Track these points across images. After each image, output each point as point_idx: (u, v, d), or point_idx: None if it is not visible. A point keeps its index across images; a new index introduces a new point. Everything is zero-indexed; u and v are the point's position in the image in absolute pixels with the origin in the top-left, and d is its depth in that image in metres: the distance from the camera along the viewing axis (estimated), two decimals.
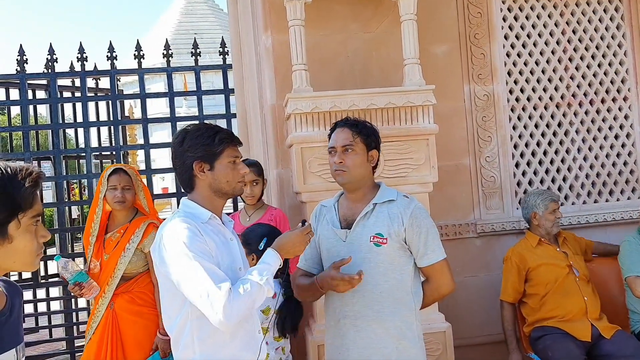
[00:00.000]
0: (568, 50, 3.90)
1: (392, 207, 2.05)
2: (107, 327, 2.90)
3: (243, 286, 1.66)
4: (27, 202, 1.18)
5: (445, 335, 2.87)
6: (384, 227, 2.02)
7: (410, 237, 2.03)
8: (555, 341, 3.03)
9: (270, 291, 1.74)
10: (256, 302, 1.71)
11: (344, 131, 2.10)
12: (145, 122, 5.12)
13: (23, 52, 5.00)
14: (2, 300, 1.25)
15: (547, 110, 3.88)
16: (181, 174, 1.86)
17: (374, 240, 2.02)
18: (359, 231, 2.05)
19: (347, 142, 2.07)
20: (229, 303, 1.60)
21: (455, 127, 3.70)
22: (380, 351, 2.01)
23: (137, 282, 2.94)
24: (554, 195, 3.32)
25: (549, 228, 3.23)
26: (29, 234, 1.19)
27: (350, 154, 2.07)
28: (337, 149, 2.09)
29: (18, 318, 1.28)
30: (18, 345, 1.25)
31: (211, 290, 1.61)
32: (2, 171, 1.16)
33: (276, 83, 3.43)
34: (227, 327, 1.65)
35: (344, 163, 2.07)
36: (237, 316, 1.63)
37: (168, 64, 5.17)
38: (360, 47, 3.51)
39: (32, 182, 1.19)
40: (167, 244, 1.71)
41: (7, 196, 1.15)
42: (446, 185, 3.53)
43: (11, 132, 5.49)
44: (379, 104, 2.90)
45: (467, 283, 3.59)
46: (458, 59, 3.74)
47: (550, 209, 3.23)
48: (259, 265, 1.78)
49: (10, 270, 1.20)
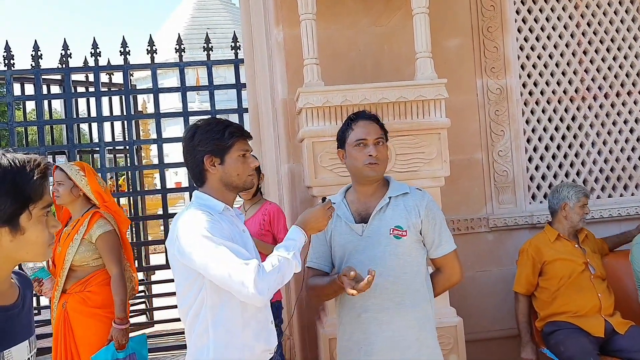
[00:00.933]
0: (582, 43, 3.86)
1: (407, 200, 2.08)
2: (59, 328, 2.93)
3: (271, 262, 1.70)
4: (37, 193, 1.19)
5: (456, 329, 2.86)
6: (402, 219, 2.04)
7: (425, 229, 2.06)
8: (568, 336, 3.01)
9: (298, 266, 1.78)
10: (285, 277, 1.73)
11: (373, 125, 2.12)
12: (158, 117, 5.16)
13: (38, 48, 5.06)
14: (15, 292, 1.27)
15: (561, 104, 3.84)
16: (192, 168, 1.88)
17: (394, 232, 2.03)
18: (376, 224, 2.07)
19: (378, 135, 2.10)
20: (259, 277, 1.62)
21: (468, 121, 3.68)
22: (402, 343, 2.02)
23: (89, 282, 2.96)
24: (587, 190, 3.32)
25: (576, 222, 3.22)
26: (40, 225, 1.20)
27: (381, 148, 2.10)
28: (369, 141, 2.08)
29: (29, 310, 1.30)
30: (30, 337, 1.27)
31: (240, 268, 1.63)
32: (11, 163, 1.17)
33: (287, 77, 3.44)
34: (260, 302, 1.67)
35: (379, 156, 2.08)
36: (268, 290, 1.65)
37: (180, 58, 5.20)
38: (371, 41, 3.50)
39: (40, 173, 1.19)
40: (185, 232, 1.73)
41: (18, 188, 1.16)
42: (458, 180, 3.51)
43: (26, 127, 5.55)
44: (391, 98, 2.89)
45: (478, 278, 3.58)
46: (471, 53, 3.71)
47: (582, 203, 3.22)
48: (285, 242, 1.82)
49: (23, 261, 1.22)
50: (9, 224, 1.16)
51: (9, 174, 1.15)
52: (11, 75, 5.00)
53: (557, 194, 3.29)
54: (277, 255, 1.74)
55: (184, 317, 1.83)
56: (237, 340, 1.78)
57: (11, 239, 1.17)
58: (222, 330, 1.77)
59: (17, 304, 1.25)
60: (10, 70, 5.01)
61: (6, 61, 4.99)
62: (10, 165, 1.16)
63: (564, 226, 3.25)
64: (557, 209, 3.27)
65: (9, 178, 1.15)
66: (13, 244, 1.18)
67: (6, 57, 4.98)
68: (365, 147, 2.09)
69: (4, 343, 1.18)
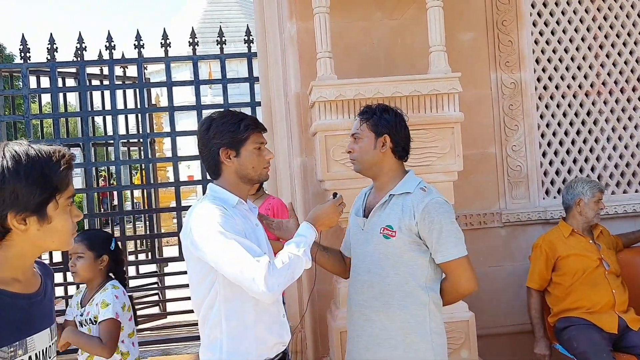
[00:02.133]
0: (599, 37, 3.81)
1: (406, 200, 2.00)
2: None
3: (281, 259, 1.71)
4: (63, 183, 1.22)
5: (468, 324, 2.86)
6: (395, 219, 1.99)
7: (423, 233, 1.96)
8: (581, 332, 3.00)
9: (309, 262, 1.78)
10: (295, 273, 1.74)
11: (356, 120, 2.13)
12: (171, 110, 5.19)
13: (53, 41, 5.10)
14: (38, 281, 1.29)
15: (576, 99, 3.80)
16: (207, 160, 1.89)
17: (383, 232, 2.00)
18: (374, 221, 2.06)
19: (354, 131, 2.11)
20: (269, 274, 1.63)
21: (482, 115, 3.66)
22: (387, 342, 1.99)
23: None
24: (602, 186, 3.28)
25: (591, 217, 3.19)
26: (65, 214, 1.24)
27: (358, 142, 2.09)
28: (351, 137, 2.13)
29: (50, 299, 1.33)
30: (51, 325, 1.30)
31: (251, 265, 1.64)
32: (38, 154, 1.20)
33: (301, 71, 3.44)
34: (270, 298, 1.69)
35: (353, 152, 2.10)
36: (278, 286, 1.66)
37: (194, 52, 5.22)
38: (385, 35, 3.48)
39: (66, 163, 1.23)
40: (198, 226, 1.74)
41: (46, 178, 1.19)
42: (471, 174, 3.50)
43: (42, 120, 5.61)
44: (404, 91, 2.89)
45: (491, 273, 3.57)
46: (485, 46, 3.69)
47: (596, 198, 3.19)
48: (295, 238, 1.83)
49: (48, 250, 1.26)
50: (37, 213, 1.19)
51: (37, 164, 1.18)
52: (27, 68, 5.05)
53: (571, 189, 3.26)
54: (287, 252, 1.75)
55: (198, 309, 1.85)
56: (250, 333, 1.79)
57: (38, 227, 1.20)
58: (235, 323, 1.78)
59: (39, 292, 1.28)
60: (27, 63, 5.06)
61: (22, 54, 5.05)
62: (38, 156, 1.19)
63: (578, 222, 3.22)
64: (571, 205, 3.24)
65: (37, 168, 1.18)
66: (40, 232, 1.20)
67: (22, 50, 5.04)
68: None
69: (27, 330, 1.21)
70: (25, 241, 1.20)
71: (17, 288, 1.21)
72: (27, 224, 1.18)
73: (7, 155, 1.16)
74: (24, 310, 1.21)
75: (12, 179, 1.15)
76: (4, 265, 1.20)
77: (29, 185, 1.16)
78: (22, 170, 1.16)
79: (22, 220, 1.17)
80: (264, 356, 1.82)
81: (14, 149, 1.18)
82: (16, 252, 1.21)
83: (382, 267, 2.00)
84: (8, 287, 1.19)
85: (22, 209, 1.17)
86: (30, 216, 1.18)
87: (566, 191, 3.30)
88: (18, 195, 1.15)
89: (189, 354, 4.95)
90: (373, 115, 2.09)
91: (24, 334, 1.20)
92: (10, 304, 1.18)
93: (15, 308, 1.19)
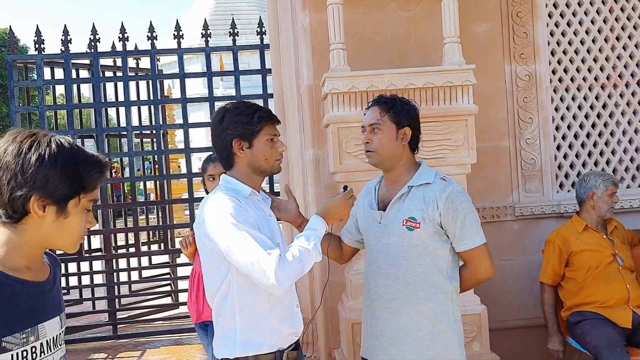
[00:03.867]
0: (615, 28, 3.76)
1: (427, 191, 2.00)
2: None
3: (292, 252, 1.72)
4: (91, 185, 1.26)
5: (480, 317, 2.85)
6: (418, 211, 1.98)
7: (445, 222, 1.97)
8: (594, 326, 2.98)
9: (319, 256, 1.79)
10: (305, 267, 1.75)
11: (373, 110, 2.07)
12: (184, 102, 5.21)
13: (67, 32, 5.13)
14: (47, 270, 1.32)
15: (592, 91, 3.76)
16: (221, 151, 1.89)
17: (406, 224, 1.98)
18: (393, 213, 2.03)
19: (374, 121, 2.04)
20: (280, 268, 1.65)
21: (496, 107, 3.63)
22: (413, 333, 2.00)
23: None
24: (615, 179, 3.23)
25: (604, 211, 3.14)
26: (82, 215, 1.27)
27: (377, 133, 2.03)
28: (365, 128, 2.08)
29: (59, 288, 1.36)
30: (60, 313, 1.33)
31: (262, 257, 1.65)
32: (79, 152, 1.25)
33: (313, 63, 3.43)
34: (280, 292, 1.70)
35: (371, 143, 2.05)
36: (288, 280, 1.67)
37: (206, 43, 5.22)
38: (398, 26, 3.46)
39: (100, 169, 1.27)
40: (212, 217, 1.75)
41: (77, 174, 1.23)
42: (485, 167, 3.47)
43: (56, 111, 5.65)
44: (417, 83, 2.87)
45: (503, 266, 3.55)
46: (499, 38, 3.65)
47: (610, 192, 3.14)
48: (305, 232, 1.83)
49: (53, 247, 1.28)
50: (58, 204, 1.22)
51: (75, 159, 1.23)
52: (41, 60, 5.09)
53: (584, 182, 3.22)
54: (297, 245, 1.75)
55: (211, 299, 1.86)
56: (264, 324, 1.80)
57: (54, 219, 1.23)
58: (249, 313, 1.79)
59: (49, 281, 1.31)
60: (41, 54, 5.09)
61: (37, 46, 5.08)
62: (78, 153, 1.25)
63: (591, 216, 3.19)
64: (584, 199, 3.20)
65: (74, 163, 1.23)
66: (54, 225, 1.23)
67: (37, 42, 5.07)
68: (364, 134, 2.09)
69: (39, 317, 1.24)
70: (37, 230, 1.23)
71: (29, 276, 1.24)
72: (45, 212, 1.21)
73: (52, 144, 1.21)
74: (35, 298, 1.24)
75: (50, 164, 1.19)
76: (17, 251, 1.22)
77: (61, 175, 1.20)
78: (61, 160, 1.21)
79: (42, 206, 1.20)
80: (277, 346, 1.83)
81: (60, 140, 1.24)
82: (27, 240, 1.23)
83: (406, 259, 2.00)
84: (20, 275, 1.21)
85: (47, 195, 1.20)
86: (51, 205, 1.21)
87: (579, 185, 3.26)
88: (48, 181, 1.19)
89: (200, 344, 4.99)
90: (394, 106, 2.05)
91: (36, 321, 1.22)
92: (22, 291, 1.20)
93: (27, 295, 1.22)
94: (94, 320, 5.58)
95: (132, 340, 5.18)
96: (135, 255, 5.62)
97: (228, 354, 1.81)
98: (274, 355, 1.82)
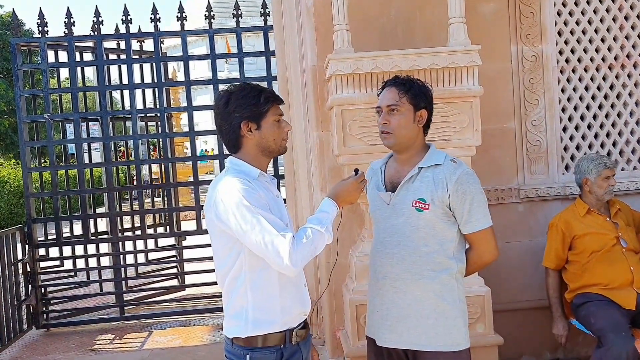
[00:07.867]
0: (624, 8, 3.70)
1: (437, 172, 2.01)
2: None
3: (305, 234, 1.76)
4: None
5: (484, 299, 2.87)
6: (427, 192, 1.99)
7: (454, 203, 1.99)
8: (599, 308, 2.98)
9: (330, 238, 1.83)
10: (318, 249, 1.79)
11: (391, 90, 2.05)
12: (188, 85, 5.20)
13: (70, 15, 5.11)
14: None
15: (599, 72, 3.71)
16: (227, 134, 1.89)
17: (416, 205, 2.00)
18: (402, 195, 2.04)
19: (392, 102, 2.03)
20: (293, 250, 1.70)
21: (501, 89, 3.60)
22: (418, 312, 2.02)
23: None
24: (609, 162, 3.15)
25: (601, 195, 3.11)
26: None
27: (395, 115, 2.03)
28: (382, 109, 2.06)
29: None
30: None
31: (276, 239, 1.70)
32: None
33: (317, 44, 3.40)
34: (294, 272, 1.76)
35: (389, 124, 2.03)
36: (302, 261, 1.73)
37: (210, 25, 5.19)
38: (403, 6, 3.42)
39: None
40: (223, 199, 1.77)
41: None
42: (490, 149, 3.46)
43: (61, 94, 5.65)
44: (422, 65, 2.84)
45: (508, 248, 3.55)
46: (506, 18, 3.60)
47: (604, 176, 3.10)
48: (317, 214, 1.87)
49: None
50: None
51: None
52: (45, 43, 5.07)
53: (577, 168, 3.20)
54: (310, 227, 1.79)
55: (222, 280, 1.88)
56: (276, 303, 1.83)
57: None
58: (260, 293, 1.82)
59: None
60: (45, 37, 5.08)
61: (40, 29, 5.06)
62: None
63: (591, 200, 3.17)
64: (580, 184, 3.19)
65: None
66: None
67: (40, 25, 5.05)
68: (379, 115, 2.08)
69: None
70: None
71: None
72: None
73: None
74: None
75: None
76: None
77: None
78: None
79: None
80: (288, 325, 1.87)
81: None
82: None
83: (412, 239, 2.01)
84: None
85: None
86: None
87: (575, 170, 3.24)
88: None
89: (207, 325, 5.04)
90: (412, 87, 2.04)
91: None
92: None
93: None
94: (101, 302, 5.64)
95: (139, 322, 5.24)
96: (142, 237, 5.65)
97: (239, 333, 1.84)
98: (284, 334, 1.85)
